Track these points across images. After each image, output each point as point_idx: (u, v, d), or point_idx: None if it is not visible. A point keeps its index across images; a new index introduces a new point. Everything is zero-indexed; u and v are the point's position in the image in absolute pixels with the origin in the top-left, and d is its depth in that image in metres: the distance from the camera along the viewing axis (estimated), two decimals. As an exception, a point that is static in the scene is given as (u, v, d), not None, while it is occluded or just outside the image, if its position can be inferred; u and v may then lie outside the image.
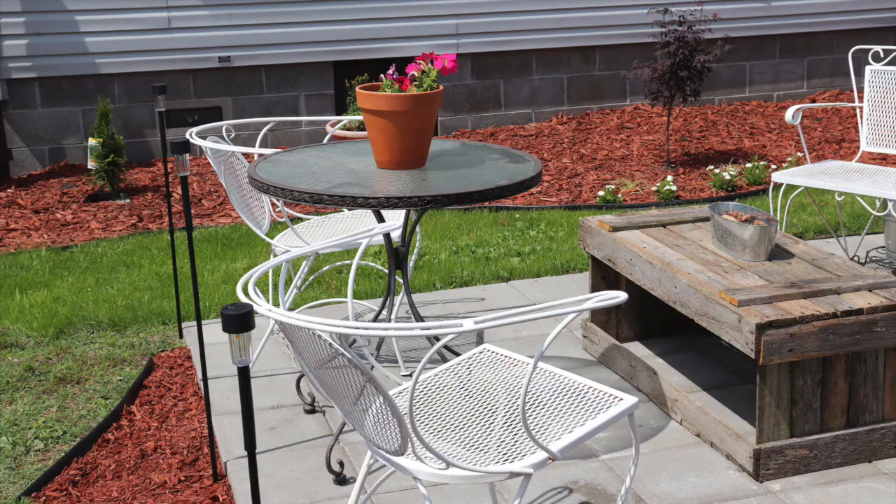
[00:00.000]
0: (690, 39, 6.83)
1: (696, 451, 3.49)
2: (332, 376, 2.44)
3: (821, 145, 7.66)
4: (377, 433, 2.49)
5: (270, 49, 7.73)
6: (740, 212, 3.82)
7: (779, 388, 3.25)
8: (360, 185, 3.37)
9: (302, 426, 3.75)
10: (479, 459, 2.55)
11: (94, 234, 6.11)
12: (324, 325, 2.27)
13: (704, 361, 4.11)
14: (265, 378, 4.14)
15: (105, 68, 7.47)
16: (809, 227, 5.76)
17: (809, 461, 3.32)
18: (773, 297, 3.32)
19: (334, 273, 5.26)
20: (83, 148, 7.47)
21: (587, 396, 2.76)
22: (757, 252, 3.69)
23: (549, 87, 8.46)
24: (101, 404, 3.99)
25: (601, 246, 4.07)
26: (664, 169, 7.13)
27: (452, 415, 2.76)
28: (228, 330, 2.14)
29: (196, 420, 3.85)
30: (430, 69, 3.47)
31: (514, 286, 5.08)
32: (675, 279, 3.58)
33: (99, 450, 3.68)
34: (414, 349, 4.34)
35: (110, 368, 4.29)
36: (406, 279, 3.76)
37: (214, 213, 6.52)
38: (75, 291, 5.11)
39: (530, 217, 6.12)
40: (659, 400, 3.77)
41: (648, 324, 4.30)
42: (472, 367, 2.97)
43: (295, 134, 8.00)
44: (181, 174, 3.44)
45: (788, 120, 5.05)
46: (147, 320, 4.73)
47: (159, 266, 5.46)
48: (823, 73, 9.06)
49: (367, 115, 3.47)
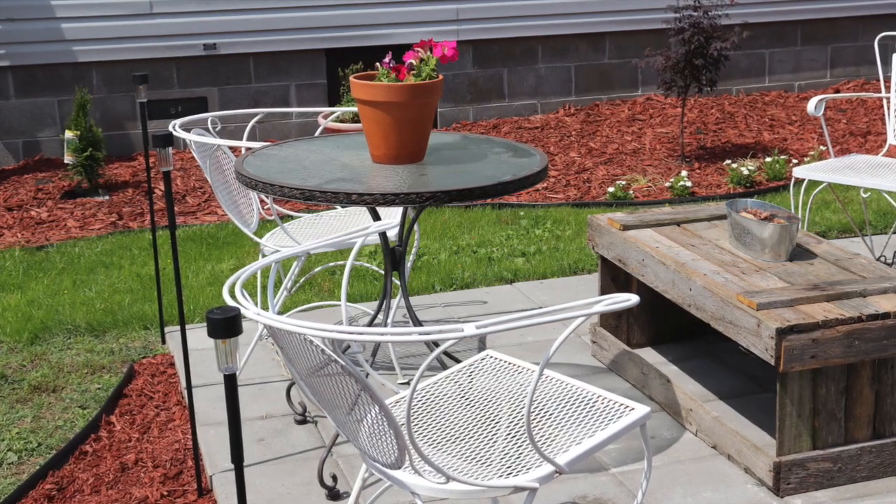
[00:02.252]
0: (706, 25, 6.84)
1: (713, 464, 3.49)
2: (325, 384, 2.44)
3: (845, 138, 7.66)
4: (373, 445, 2.49)
5: (259, 36, 7.74)
6: (759, 209, 3.82)
7: (800, 396, 3.25)
8: (355, 181, 3.38)
9: (293, 437, 3.75)
10: (481, 473, 2.55)
11: (70, 233, 6.11)
12: (316, 330, 2.27)
13: (721, 368, 4.11)
14: (253, 386, 4.14)
15: (83, 56, 7.47)
16: (833, 226, 5.76)
17: (833, 475, 3.32)
18: (794, 299, 3.32)
19: (327, 274, 5.27)
20: (59, 141, 7.48)
21: (596, 406, 2.76)
22: (777, 252, 3.70)
23: (556, 77, 8.46)
24: (79, 414, 3.99)
25: (611, 246, 4.07)
26: (678, 163, 7.13)
27: (453, 425, 2.76)
28: (214, 335, 2.14)
29: (180, 431, 3.86)
30: (429, 57, 3.48)
31: (519, 288, 5.09)
32: (689, 281, 3.58)
33: (76, 463, 3.68)
34: (412, 355, 4.34)
35: (88, 376, 4.29)
36: (403, 281, 3.76)
37: (199, 210, 6.52)
38: (51, 294, 5.11)
39: (536, 215, 6.13)
40: (672, 409, 3.77)
41: (661, 328, 4.30)
42: (473, 374, 2.97)
43: (285, 126, 8.00)
44: (164, 169, 3.44)
45: (811, 111, 5.05)
46: (127, 325, 4.74)
47: (140, 267, 5.46)
48: (848, 61, 9.06)
49: (361, 106, 3.47)
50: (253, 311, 2.38)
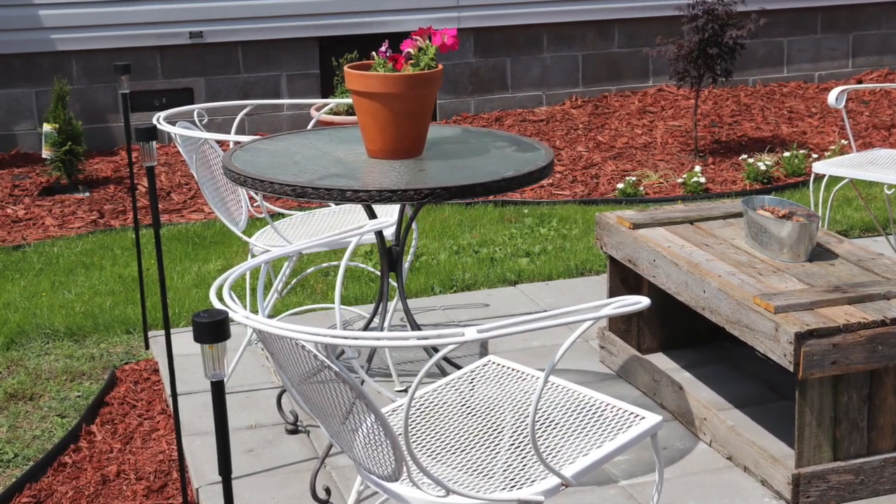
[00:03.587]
0: (721, 12, 6.84)
1: (728, 476, 3.49)
2: (318, 392, 2.44)
3: (868, 132, 7.67)
4: (368, 456, 2.49)
5: (248, 23, 7.74)
6: (777, 207, 3.82)
7: (821, 405, 3.25)
8: (349, 177, 3.37)
9: (283, 448, 3.75)
10: (482, 485, 2.55)
11: (49, 232, 6.11)
12: (308, 335, 2.27)
13: (736, 375, 4.11)
14: (242, 394, 4.14)
15: (61, 45, 7.47)
16: (855, 224, 5.76)
17: (855, 487, 3.32)
18: (814, 302, 3.32)
19: (320, 276, 5.27)
20: (37, 135, 7.48)
21: (605, 414, 2.76)
22: (796, 252, 3.70)
23: (562, 66, 8.47)
24: (58, 423, 3.99)
25: (620, 245, 4.07)
26: (691, 158, 7.13)
27: (453, 435, 2.76)
28: (201, 340, 2.14)
29: (164, 441, 3.86)
30: (428, 46, 3.47)
31: (523, 290, 5.09)
32: (703, 282, 3.58)
33: (55, 475, 3.68)
34: (410, 361, 4.35)
35: (67, 383, 4.29)
36: (401, 282, 3.76)
37: (185, 207, 6.52)
38: (28, 296, 5.11)
39: (540, 213, 6.13)
40: (685, 418, 3.77)
41: (673, 333, 4.30)
42: (475, 381, 2.97)
43: (276, 119, 8.00)
44: (147, 164, 3.44)
45: (831, 103, 5.05)
46: (109, 329, 4.74)
47: (123, 268, 5.46)
48: (871, 50, 9.06)
49: (356, 97, 3.47)
50: (241, 314, 2.38)
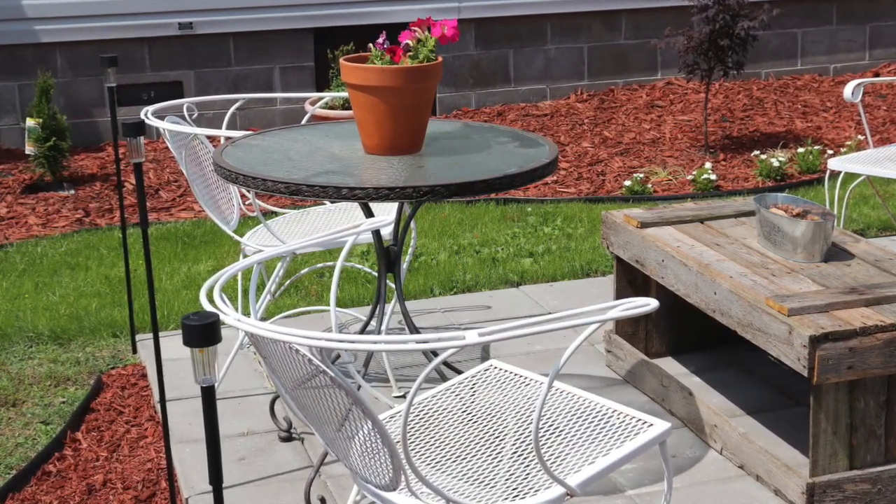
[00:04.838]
0: (733, 2, 6.84)
1: (739, 485, 3.49)
2: (313, 398, 2.44)
3: (885, 127, 7.67)
4: (365, 464, 2.49)
5: (239, 14, 7.74)
6: (791, 205, 3.82)
7: (836, 411, 3.26)
8: (345, 174, 3.38)
9: (277, 456, 3.75)
10: (484, 495, 2.55)
11: (32, 231, 6.11)
12: (302, 338, 2.28)
13: (748, 380, 4.11)
14: (234, 400, 4.14)
15: (45, 36, 7.48)
16: (872, 223, 5.77)
17: (872, 497, 3.33)
18: (829, 304, 3.32)
19: (314, 277, 5.27)
20: (20, 130, 7.48)
21: (611, 421, 2.76)
22: (810, 252, 3.70)
23: (567, 59, 8.47)
24: (41, 430, 3.99)
25: (627, 245, 4.07)
26: (701, 154, 7.13)
27: (453, 443, 2.77)
28: (190, 343, 2.14)
29: (152, 449, 3.86)
30: (427, 37, 3.48)
31: (526, 292, 5.09)
32: (714, 284, 3.58)
33: (39, 484, 3.68)
34: (408, 366, 4.35)
35: (52, 388, 4.30)
36: (399, 284, 3.76)
37: (174, 206, 6.53)
38: (10, 298, 5.11)
39: (544, 211, 6.13)
40: (695, 425, 3.78)
41: (683, 336, 4.30)
42: (476, 386, 2.97)
43: (268, 113, 8.01)
44: (135, 161, 3.44)
45: (847, 97, 5.06)
46: (95, 332, 4.74)
47: (109, 268, 5.46)
48: (888, 41, 9.06)
49: (352, 91, 3.48)
50: (233, 316, 2.38)
